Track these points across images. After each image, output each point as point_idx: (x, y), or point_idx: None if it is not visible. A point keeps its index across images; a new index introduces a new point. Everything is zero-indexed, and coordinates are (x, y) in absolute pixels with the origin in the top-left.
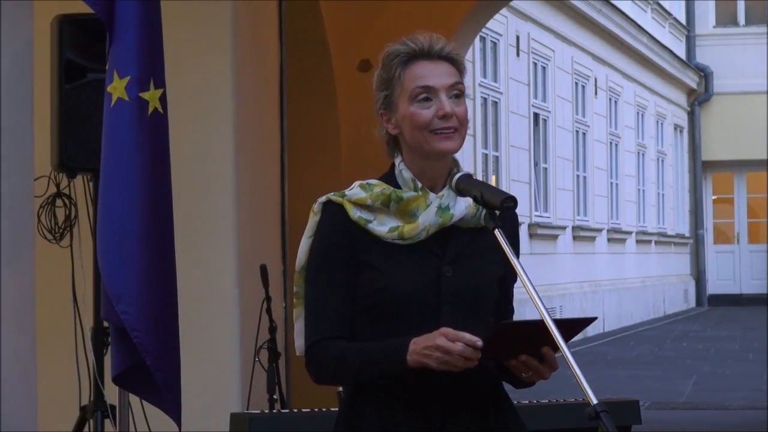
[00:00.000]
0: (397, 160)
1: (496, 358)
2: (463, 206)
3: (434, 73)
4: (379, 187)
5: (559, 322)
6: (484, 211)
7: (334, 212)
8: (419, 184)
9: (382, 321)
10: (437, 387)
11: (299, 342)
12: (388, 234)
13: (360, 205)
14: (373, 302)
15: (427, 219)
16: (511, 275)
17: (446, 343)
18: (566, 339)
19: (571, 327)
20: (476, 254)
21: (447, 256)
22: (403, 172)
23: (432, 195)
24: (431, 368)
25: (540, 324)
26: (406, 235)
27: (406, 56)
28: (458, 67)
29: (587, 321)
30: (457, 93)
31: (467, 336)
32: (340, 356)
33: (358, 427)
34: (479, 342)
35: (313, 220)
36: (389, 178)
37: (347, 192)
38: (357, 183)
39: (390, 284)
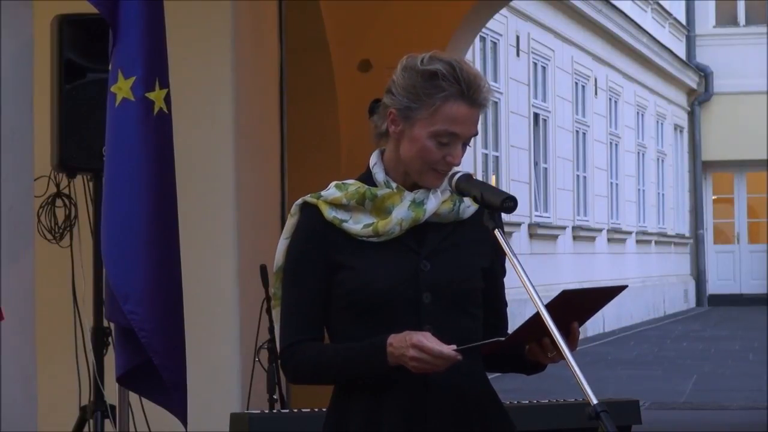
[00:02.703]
0: (372, 161)
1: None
2: (435, 202)
3: (466, 122)
4: (355, 186)
5: (589, 291)
6: (466, 208)
7: (309, 214)
8: (393, 185)
9: (363, 319)
10: (421, 388)
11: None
12: (363, 231)
13: (335, 204)
14: (352, 300)
15: (399, 214)
16: (499, 268)
17: (422, 356)
18: (598, 308)
19: (602, 295)
20: (456, 247)
21: (424, 251)
22: (377, 175)
23: (407, 192)
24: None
25: (589, 293)
26: (380, 230)
27: (450, 92)
28: (484, 111)
29: (618, 289)
30: (470, 141)
31: (446, 352)
32: (317, 358)
33: (344, 427)
34: (459, 357)
35: (290, 221)
36: (366, 177)
37: (323, 193)
38: (333, 183)
39: (367, 281)
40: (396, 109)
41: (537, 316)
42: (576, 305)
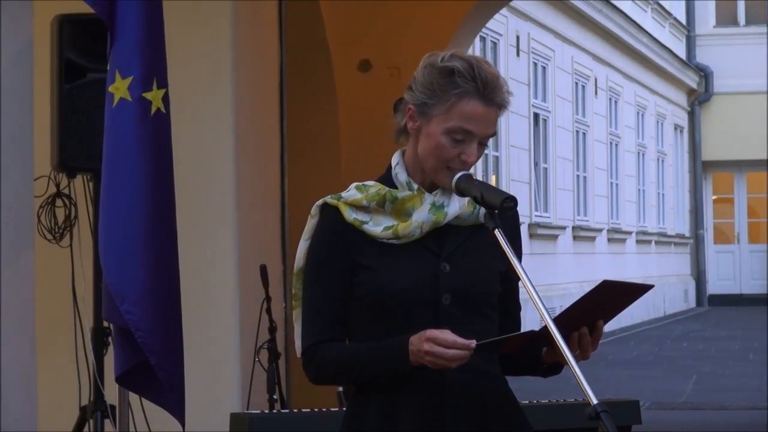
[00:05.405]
0: (394, 161)
1: (578, 323)
2: (457, 205)
3: (481, 120)
4: (375, 187)
5: (625, 285)
6: (484, 211)
7: (330, 215)
8: (415, 186)
9: (382, 320)
10: (438, 387)
11: (299, 343)
12: (383, 233)
13: (356, 206)
14: (371, 302)
15: (420, 217)
16: (513, 272)
17: (434, 349)
18: (624, 306)
19: (633, 292)
20: (475, 250)
21: (444, 253)
22: (399, 175)
23: (427, 194)
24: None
25: (625, 288)
26: (400, 233)
27: (466, 89)
28: (503, 110)
29: (646, 288)
30: (487, 141)
31: (460, 341)
32: (339, 358)
33: (361, 427)
34: (473, 344)
35: (310, 222)
36: (386, 179)
37: (344, 194)
38: (354, 185)
39: (386, 283)
40: (414, 105)
41: (561, 315)
42: (608, 299)
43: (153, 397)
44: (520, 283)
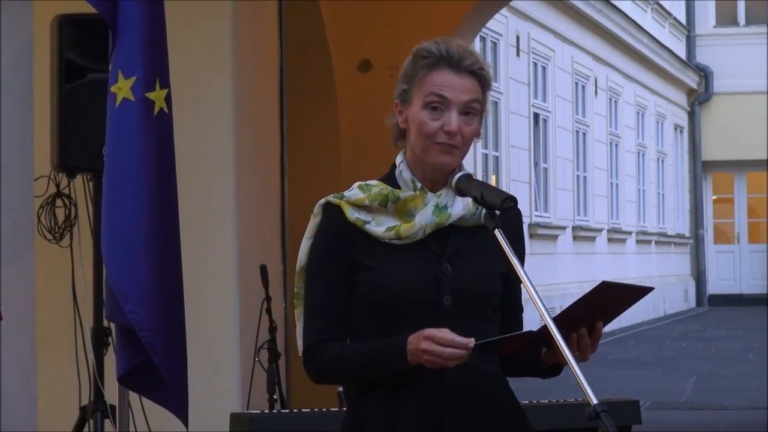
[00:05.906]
0: (398, 160)
1: (577, 323)
2: (461, 206)
3: (454, 86)
4: (378, 187)
5: (624, 287)
6: (485, 211)
7: (332, 214)
8: (419, 185)
9: (383, 320)
10: (438, 388)
11: (300, 342)
12: (386, 234)
13: (358, 206)
14: (372, 302)
15: (423, 218)
16: (514, 272)
17: (432, 347)
18: (624, 309)
19: (632, 295)
20: (477, 251)
21: (446, 254)
22: (403, 173)
23: (430, 194)
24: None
25: (624, 289)
26: (402, 234)
27: (433, 59)
28: (483, 83)
29: (646, 290)
30: (472, 110)
31: (458, 339)
32: (339, 357)
33: (361, 427)
34: (471, 343)
35: (313, 221)
36: (389, 178)
37: (346, 193)
38: (356, 184)
39: (387, 283)
40: (398, 98)
41: (560, 315)
42: (607, 301)
43: (155, 397)
44: (521, 284)
